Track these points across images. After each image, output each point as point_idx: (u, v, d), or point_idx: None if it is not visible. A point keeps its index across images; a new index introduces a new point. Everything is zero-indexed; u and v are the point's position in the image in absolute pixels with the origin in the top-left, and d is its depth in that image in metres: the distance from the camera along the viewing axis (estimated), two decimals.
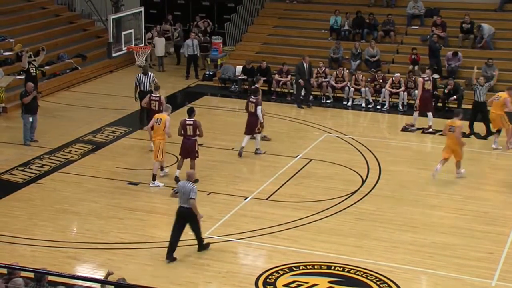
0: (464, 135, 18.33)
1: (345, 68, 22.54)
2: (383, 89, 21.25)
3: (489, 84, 19.54)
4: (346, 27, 24.74)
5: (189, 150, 15.05)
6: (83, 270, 12.14)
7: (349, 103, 21.64)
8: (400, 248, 12.78)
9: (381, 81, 21.47)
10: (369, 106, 21.34)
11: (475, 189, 15.42)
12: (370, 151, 17.59)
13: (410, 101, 21.12)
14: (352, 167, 16.39)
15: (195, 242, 12.72)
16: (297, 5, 26.63)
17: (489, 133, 18.50)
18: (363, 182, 15.72)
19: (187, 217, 12.09)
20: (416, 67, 22.56)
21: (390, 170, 16.40)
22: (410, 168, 16.56)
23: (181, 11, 28.45)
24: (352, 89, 21.65)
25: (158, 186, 15.23)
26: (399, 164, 16.82)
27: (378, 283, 11.58)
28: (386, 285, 11.53)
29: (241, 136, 17.23)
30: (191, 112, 15.11)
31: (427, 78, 18.91)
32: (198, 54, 24.34)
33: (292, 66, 22.86)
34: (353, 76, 21.86)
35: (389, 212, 14.23)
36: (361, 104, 21.51)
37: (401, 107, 21.02)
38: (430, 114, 19.02)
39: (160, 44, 25.12)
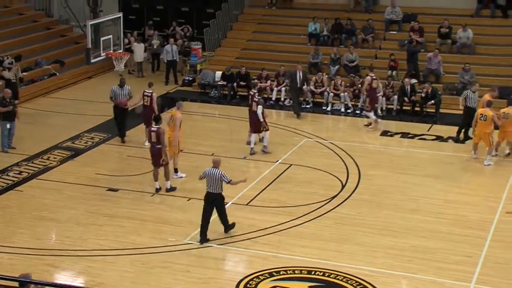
0: (458, 140, 18.44)
1: (324, 73, 22.63)
2: (361, 95, 21.34)
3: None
4: (325, 33, 24.83)
5: (155, 158, 15.09)
6: (62, 277, 12.02)
7: (329, 108, 21.71)
8: (380, 253, 12.82)
9: (360, 86, 21.57)
10: (348, 111, 21.43)
11: (454, 193, 15.52)
12: (349, 155, 17.64)
13: (389, 106, 21.23)
14: (332, 172, 16.43)
15: (174, 247, 12.67)
16: (276, 11, 26.69)
17: (466, 137, 18.64)
18: (343, 186, 15.76)
19: (214, 201, 12.96)
20: (394, 72, 22.71)
21: (369, 174, 16.46)
22: (389, 173, 16.63)
23: (160, 16, 28.39)
24: (331, 94, 21.73)
25: (181, 177, 15.71)
26: (378, 168, 16.89)
27: (358, 287, 11.60)
28: None
29: (222, 141, 17.29)
30: (157, 120, 15.13)
31: (375, 77, 19.50)
32: (177, 60, 24.28)
33: (271, 71, 22.92)
34: (332, 81, 21.94)
35: (369, 217, 14.28)
36: (340, 109, 21.59)
37: (380, 112, 21.12)
38: (371, 114, 19.48)
39: (139, 50, 25.02)
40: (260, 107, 16.98)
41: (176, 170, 15.98)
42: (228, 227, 13.34)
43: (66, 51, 25.88)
